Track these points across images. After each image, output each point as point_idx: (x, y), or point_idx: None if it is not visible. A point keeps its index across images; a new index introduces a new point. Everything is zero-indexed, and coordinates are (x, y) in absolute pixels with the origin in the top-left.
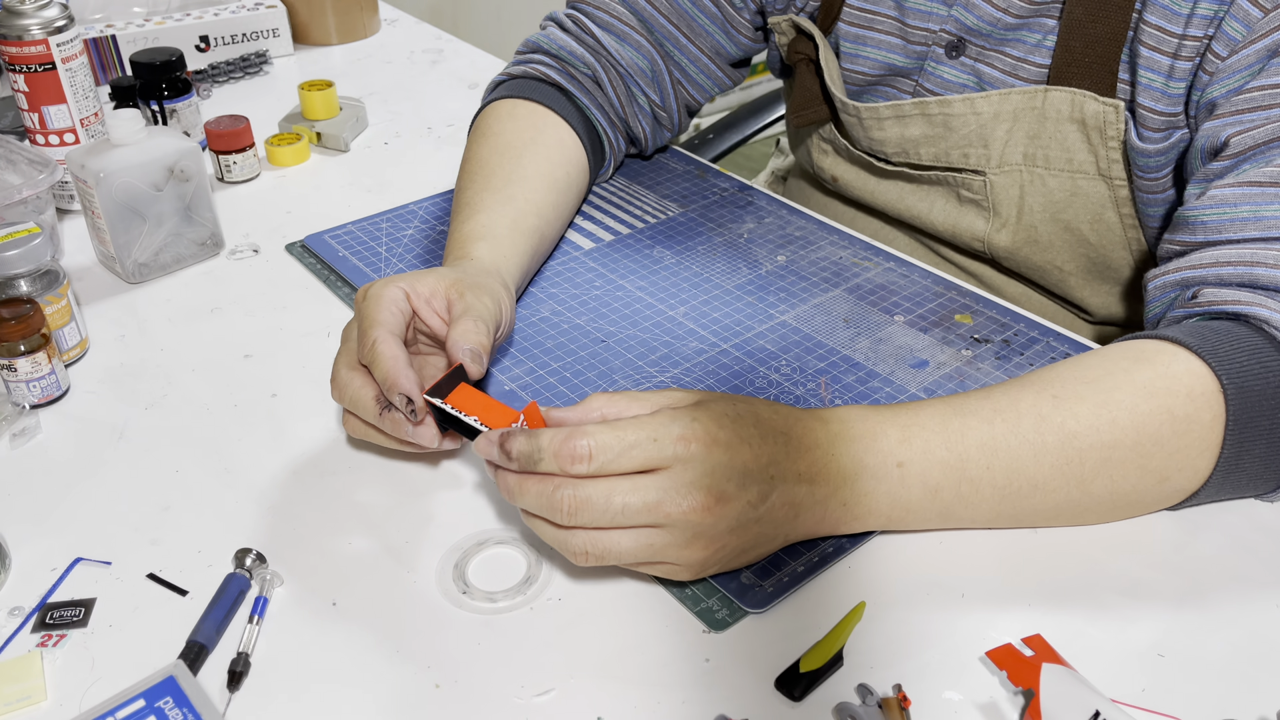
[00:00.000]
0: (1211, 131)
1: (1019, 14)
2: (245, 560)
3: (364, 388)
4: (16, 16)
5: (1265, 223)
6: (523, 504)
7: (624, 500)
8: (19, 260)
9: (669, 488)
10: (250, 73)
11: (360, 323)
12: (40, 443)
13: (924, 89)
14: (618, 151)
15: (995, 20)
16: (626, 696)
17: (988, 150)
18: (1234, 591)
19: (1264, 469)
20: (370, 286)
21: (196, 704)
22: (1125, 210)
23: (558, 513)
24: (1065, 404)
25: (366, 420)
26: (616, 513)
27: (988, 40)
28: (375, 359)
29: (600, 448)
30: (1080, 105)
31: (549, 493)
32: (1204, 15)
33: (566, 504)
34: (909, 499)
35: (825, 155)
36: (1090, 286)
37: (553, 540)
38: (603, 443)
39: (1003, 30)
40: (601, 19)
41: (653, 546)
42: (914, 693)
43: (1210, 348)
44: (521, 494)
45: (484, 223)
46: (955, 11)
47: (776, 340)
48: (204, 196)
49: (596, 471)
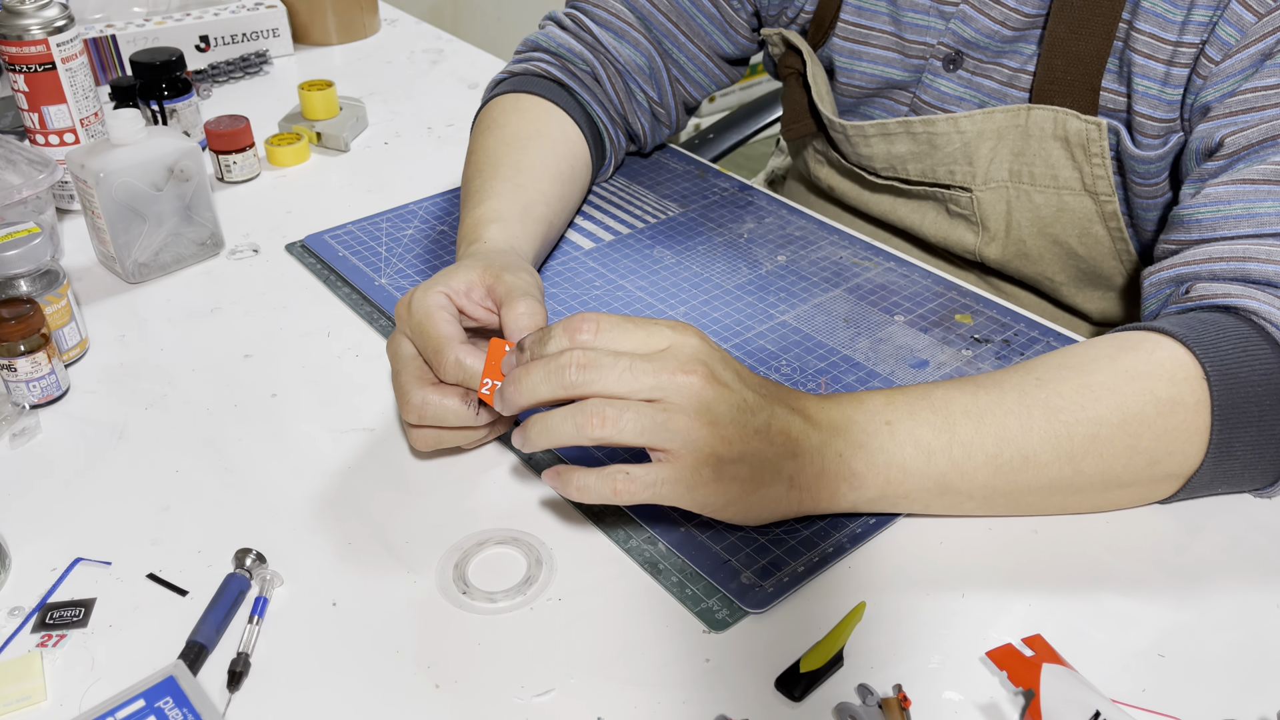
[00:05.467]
0: (1206, 133)
1: (1016, 27)
2: (245, 560)
3: (445, 398)
4: (16, 16)
5: (1258, 219)
6: (530, 388)
7: (630, 359)
8: (19, 260)
9: (671, 356)
10: (250, 73)
11: (427, 342)
12: (40, 443)
13: (921, 101)
14: (618, 148)
15: (992, 33)
16: (626, 696)
17: (973, 168)
18: (1234, 591)
19: (1257, 458)
20: (411, 299)
21: (196, 704)
22: (1113, 224)
23: (565, 372)
24: (1048, 384)
25: (455, 427)
26: (624, 370)
27: (985, 53)
28: (468, 377)
29: (606, 323)
30: (1063, 123)
31: (556, 361)
32: (1199, 21)
33: (575, 360)
34: (904, 458)
35: (820, 165)
36: (1084, 294)
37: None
38: (607, 321)
39: (999, 43)
40: (600, 17)
41: (657, 419)
42: (914, 693)
43: (1195, 336)
44: (528, 375)
45: (495, 208)
46: (953, 25)
47: (776, 340)
48: (204, 196)
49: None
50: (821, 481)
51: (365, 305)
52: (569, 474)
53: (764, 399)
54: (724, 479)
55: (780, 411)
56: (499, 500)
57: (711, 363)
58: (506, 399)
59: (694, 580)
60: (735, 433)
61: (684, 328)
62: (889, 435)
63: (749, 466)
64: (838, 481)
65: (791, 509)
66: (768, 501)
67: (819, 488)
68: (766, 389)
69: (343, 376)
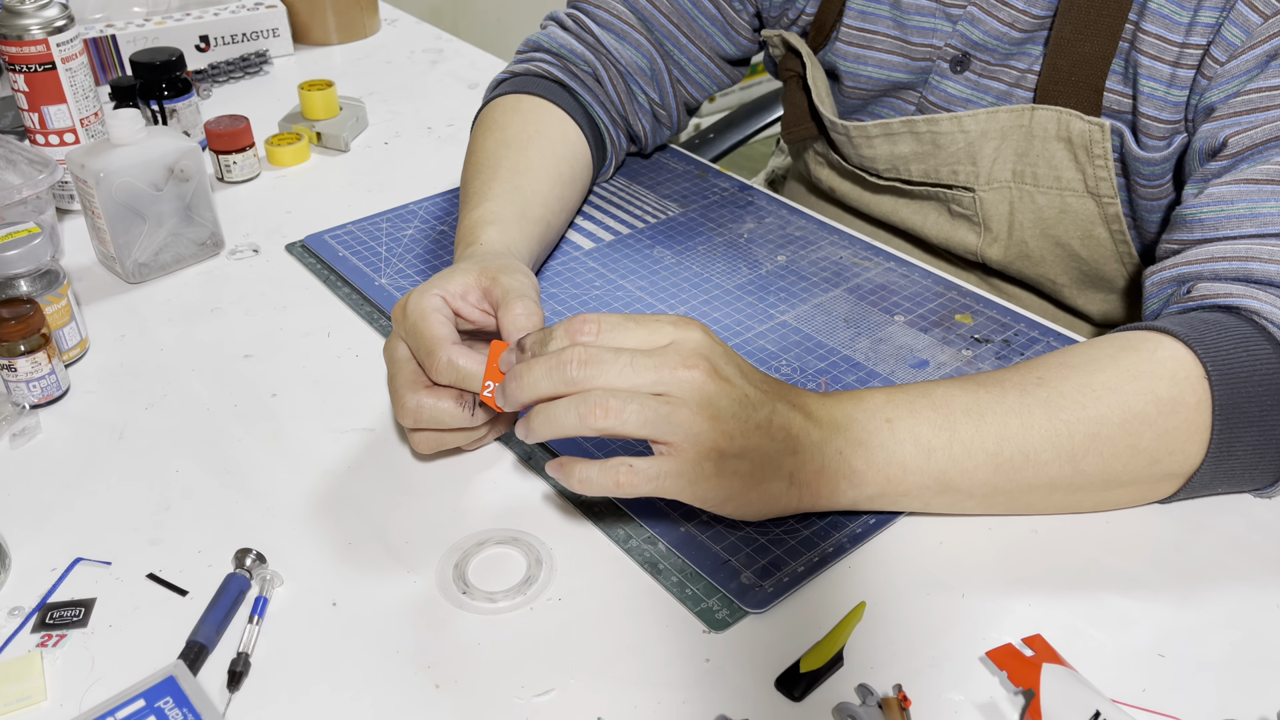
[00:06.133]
0: (1210, 133)
1: (1024, 28)
2: (245, 560)
3: (440, 400)
4: (16, 16)
5: (1261, 219)
6: (532, 384)
7: (631, 356)
8: (19, 260)
9: (673, 351)
10: (250, 73)
11: (420, 343)
12: (40, 443)
13: (928, 102)
14: (619, 149)
15: (1001, 35)
16: (626, 696)
17: (976, 167)
18: (1234, 591)
19: (1258, 458)
20: (406, 302)
21: (196, 704)
22: (1115, 226)
23: (567, 368)
24: (1049, 383)
25: (450, 428)
26: (625, 365)
27: (993, 55)
28: (460, 378)
29: (607, 323)
30: (1066, 124)
31: (558, 356)
32: (1204, 23)
33: (576, 357)
34: (904, 456)
35: (821, 167)
36: (1085, 295)
37: (564, 417)
38: (609, 320)
39: (1008, 45)
40: (601, 18)
41: (660, 411)
42: (914, 693)
43: (1197, 336)
44: (529, 371)
45: (493, 209)
46: (960, 27)
47: (776, 340)
48: (204, 196)
49: (604, 344)
50: (822, 478)
51: (365, 305)
52: (571, 466)
53: (766, 395)
54: (725, 473)
55: (782, 408)
56: (499, 500)
57: (714, 358)
58: (508, 395)
59: (694, 580)
60: (737, 427)
61: (687, 323)
62: (889, 433)
63: (750, 462)
64: (838, 478)
65: (791, 506)
66: (768, 497)
67: (819, 484)
68: (768, 385)
69: (342, 376)
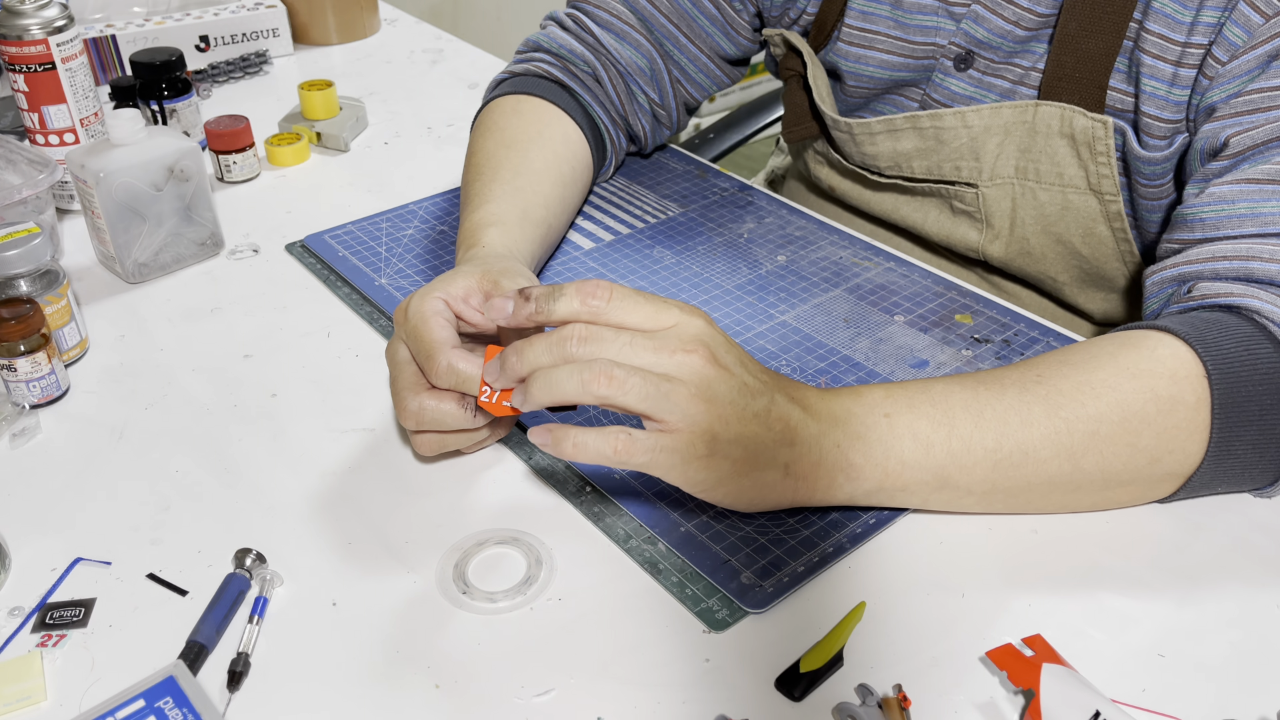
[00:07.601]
0: (1211, 133)
1: (1029, 26)
2: (245, 560)
3: (441, 402)
4: (16, 16)
5: (1262, 218)
6: (532, 359)
7: (631, 336)
8: (19, 260)
9: (674, 335)
10: (250, 73)
11: (420, 346)
12: (40, 443)
13: (932, 99)
14: (619, 149)
15: (1006, 33)
16: (626, 696)
17: (979, 163)
18: (1234, 591)
19: (1258, 458)
20: (408, 305)
21: (196, 704)
22: (1117, 225)
23: (567, 344)
24: (1049, 381)
25: (451, 430)
26: (624, 344)
27: (997, 53)
28: (460, 381)
29: (619, 293)
30: (1070, 120)
31: (560, 333)
32: (1207, 23)
33: (578, 333)
34: (902, 451)
35: (821, 167)
36: (1086, 294)
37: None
38: (620, 290)
39: (1012, 43)
40: (601, 18)
41: (661, 388)
42: (914, 693)
43: (1197, 334)
44: (530, 347)
45: (494, 211)
46: (964, 25)
47: (776, 340)
48: (204, 196)
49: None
50: (818, 472)
51: (365, 305)
52: (564, 431)
53: (765, 385)
54: (717, 456)
55: (780, 399)
56: (499, 500)
57: (713, 345)
58: (507, 368)
59: (694, 580)
60: (733, 413)
61: (693, 310)
62: (887, 427)
63: (743, 448)
64: (835, 472)
65: (787, 498)
66: (761, 486)
67: (815, 478)
68: (768, 376)
69: (342, 377)
